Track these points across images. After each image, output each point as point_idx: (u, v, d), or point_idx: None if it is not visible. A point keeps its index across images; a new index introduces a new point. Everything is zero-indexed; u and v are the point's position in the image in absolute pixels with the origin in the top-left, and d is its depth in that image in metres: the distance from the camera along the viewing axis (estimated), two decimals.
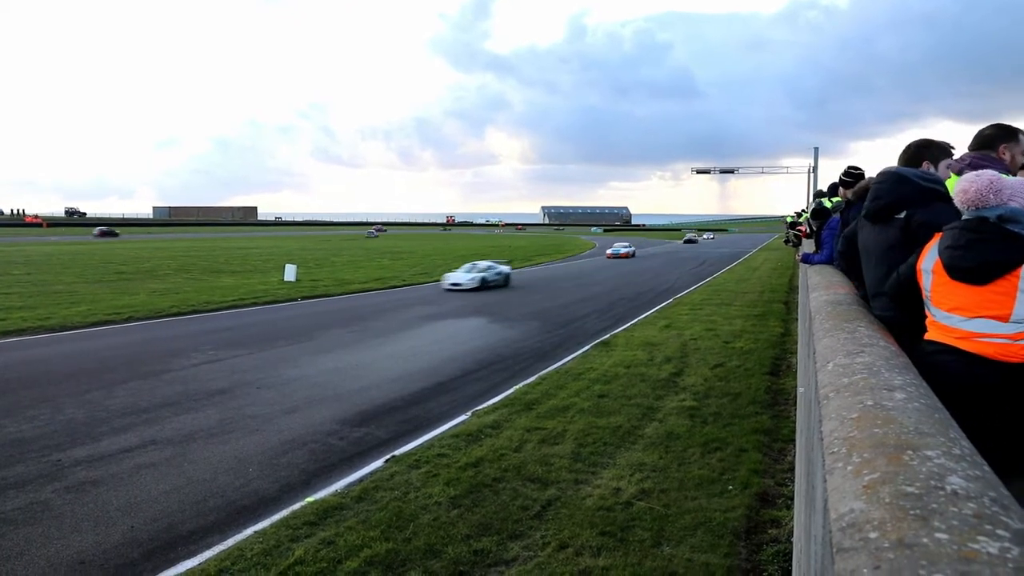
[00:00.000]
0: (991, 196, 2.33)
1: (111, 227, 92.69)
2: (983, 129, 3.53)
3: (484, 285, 25.99)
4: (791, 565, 4.63)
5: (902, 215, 2.92)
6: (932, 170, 3.35)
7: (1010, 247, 2.24)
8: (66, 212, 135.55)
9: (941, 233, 2.49)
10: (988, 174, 2.40)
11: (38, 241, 60.39)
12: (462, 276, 26.31)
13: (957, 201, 2.43)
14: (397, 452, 7.81)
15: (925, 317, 2.51)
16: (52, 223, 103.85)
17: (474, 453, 7.66)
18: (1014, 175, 3.12)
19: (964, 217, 2.40)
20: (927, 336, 2.47)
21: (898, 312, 2.76)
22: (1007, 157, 3.38)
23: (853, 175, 6.00)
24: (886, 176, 3.05)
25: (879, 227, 3.07)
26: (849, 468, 1.20)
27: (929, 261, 2.51)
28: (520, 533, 5.82)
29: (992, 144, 3.45)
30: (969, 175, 2.46)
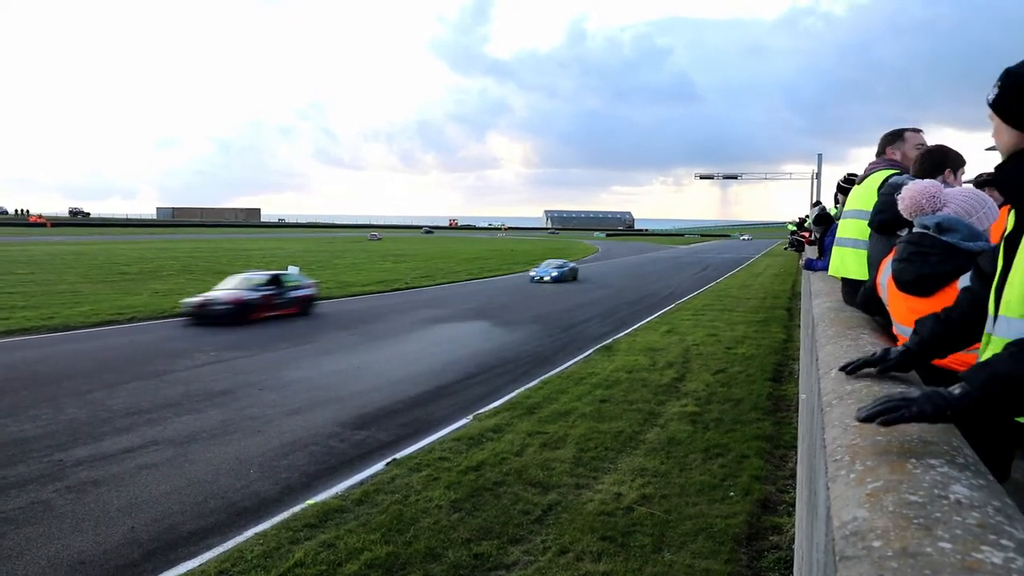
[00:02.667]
0: (924, 203, 2.35)
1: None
2: (880, 138, 3.83)
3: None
4: (792, 572, 4.62)
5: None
6: (952, 180, 3.38)
7: (947, 259, 2.23)
8: (70, 212, 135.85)
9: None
10: (924, 183, 2.42)
11: (44, 241, 60.49)
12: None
13: (901, 211, 2.47)
14: (398, 455, 7.81)
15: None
16: (56, 223, 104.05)
17: (475, 457, 7.66)
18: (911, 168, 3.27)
19: (915, 229, 2.43)
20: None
21: None
22: (897, 156, 3.64)
23: (852, 182, 6.02)
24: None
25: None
26: (852, 476, 1.20)
27: (885, 275, 2.54)
28: (521, 537, 5.81)
29: (882, 151, 3.75)
30: (908, 184, 2.49)
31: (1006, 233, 1.65)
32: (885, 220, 3.06)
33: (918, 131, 3.68)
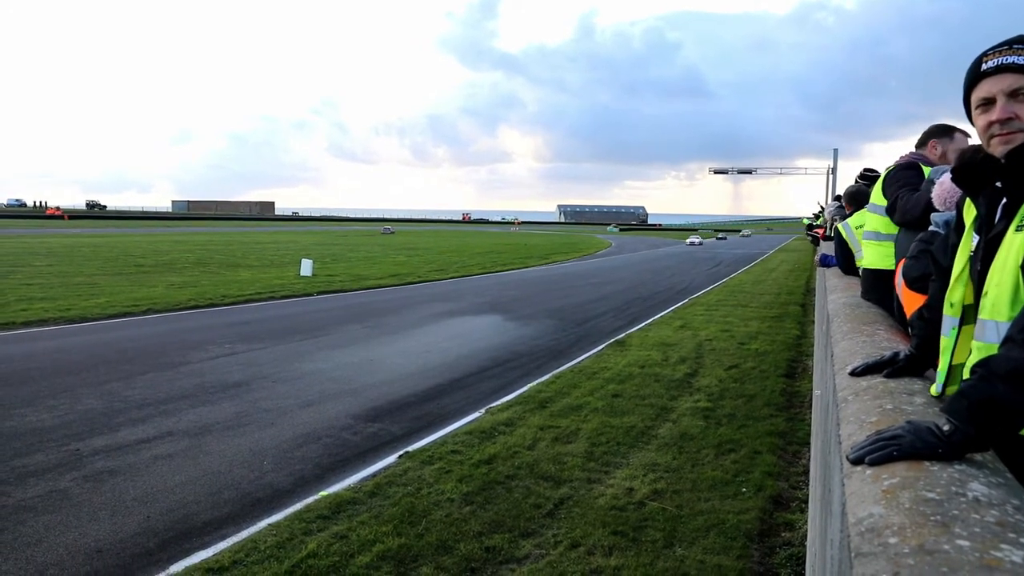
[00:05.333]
0: (945, 198, 2.32)
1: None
2: (928, 128, 3.62)
3: None
4: (805, 569, 4.60)
5: None
6: (937, 151, 3.41)
7: (953, 258, 2.21)
8: (87, 205, 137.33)
9: None
10: (943, 181, 2.37)
11: (62, 233, 61.14)
12: None
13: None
14: (410, 448, 7.84)
15: None
16: (73, 215, 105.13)
17: (487, 450, 7.67)
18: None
19: (930, 227, 2.40)
20: None
21: None
22: (936, 152, 3.51)
23: (869, 177, 5.97)
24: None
25: None
26: (868, 472, 1.19)
27: (901, 273, 2.53)
28: (532, 531, 5.82)
29: (926, 141, 3.58)
30: (942, 178, 2.46)
31: (974, 226, 1.59)
32: (911, 218, 3.02)
33: (967, 135, 3.46)
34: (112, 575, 5.14)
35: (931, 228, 2.36)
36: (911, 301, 2.41)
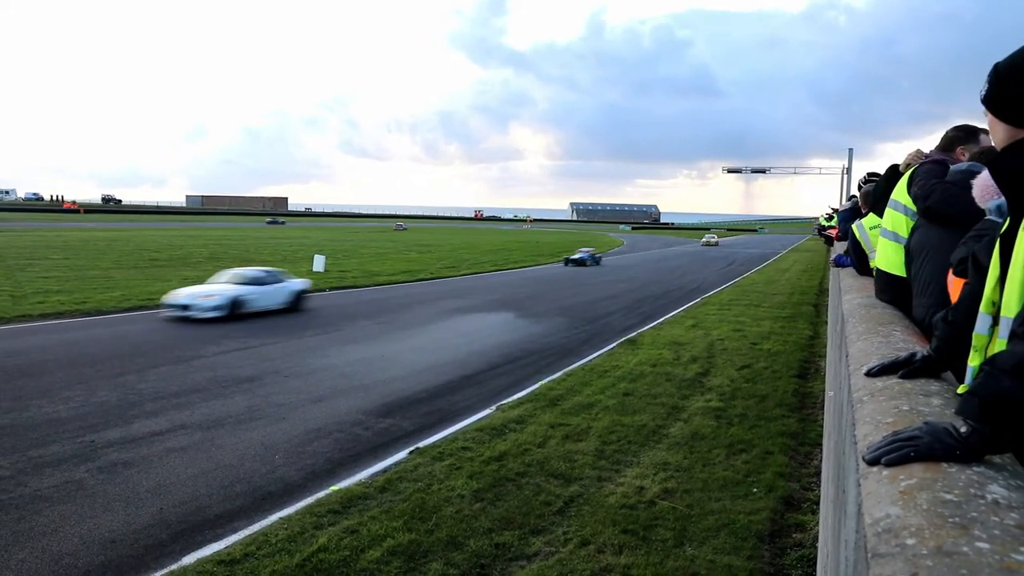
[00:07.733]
0: (980, 197, 2.28)
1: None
2: (948, 131, 3.52)
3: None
4: (816, 570, 4.57)
5: None
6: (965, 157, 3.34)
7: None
8: (103, 199, 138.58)
9: None
10: (982, 177, 2.33)
11: (78, 227, 61.69)
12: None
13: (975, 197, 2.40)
14: (421, 444, 7.86)
15: None
16: (89, 210, 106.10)
17: (498, 447, 7.68)
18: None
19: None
20: None
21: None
22: (964, 159, 3.37)
23: (873, 182, 5.92)
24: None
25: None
26: (884, 473, 1.18)
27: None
28: (542, 528, 5.82)
29: (951, 146, 3.47)
30: (984, 173, 2.42)
31: (1002, 230, 1.58)
32: (950, 213, 2.96)
33: (987, 133, 3.47)
34: (126, 566, 5.19)
35: (987, 217, 2.31)
36: (958, 287, 2.35)
